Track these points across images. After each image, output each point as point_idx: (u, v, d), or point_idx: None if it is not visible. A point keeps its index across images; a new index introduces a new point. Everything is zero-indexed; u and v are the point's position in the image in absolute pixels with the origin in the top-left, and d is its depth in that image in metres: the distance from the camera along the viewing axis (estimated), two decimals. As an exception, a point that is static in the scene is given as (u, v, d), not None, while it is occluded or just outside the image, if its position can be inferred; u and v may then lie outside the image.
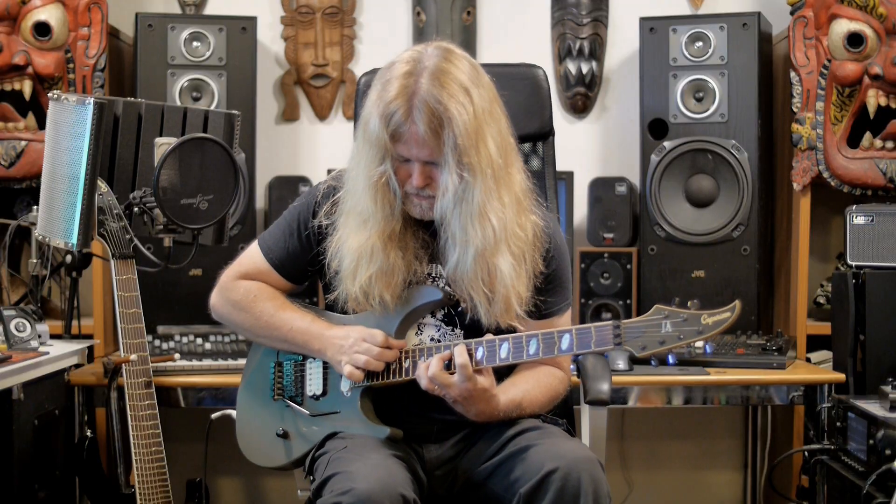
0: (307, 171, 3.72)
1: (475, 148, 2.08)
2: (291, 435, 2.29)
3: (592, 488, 1.98)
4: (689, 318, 1.95)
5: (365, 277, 2.16)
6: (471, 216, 2.11)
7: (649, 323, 1.97)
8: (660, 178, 3.44)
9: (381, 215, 2.15)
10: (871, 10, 3.26)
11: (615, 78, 3.82)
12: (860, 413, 2.70)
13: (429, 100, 2.05)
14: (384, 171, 2.12)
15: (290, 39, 3.79)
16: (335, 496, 1.96)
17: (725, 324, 1.93)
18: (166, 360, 2.96)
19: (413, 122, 2.06)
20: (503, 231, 2.13)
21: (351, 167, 2.20)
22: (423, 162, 2.10)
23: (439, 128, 2.05)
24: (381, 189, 2.13)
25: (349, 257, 2.18)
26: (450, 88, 2.07)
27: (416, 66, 2.09)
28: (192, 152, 2.64)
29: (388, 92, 2.08)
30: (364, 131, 2.14)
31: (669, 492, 3.85)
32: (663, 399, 3.08)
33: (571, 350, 2.04)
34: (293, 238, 2.31)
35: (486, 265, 2.13)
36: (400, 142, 2.09)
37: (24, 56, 3.21)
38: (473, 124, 2.07)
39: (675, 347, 1.97)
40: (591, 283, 3.50)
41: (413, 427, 2.22)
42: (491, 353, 2.09)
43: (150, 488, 2.63)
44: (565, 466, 1.99)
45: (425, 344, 2.20)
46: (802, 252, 3.39)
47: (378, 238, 2.15)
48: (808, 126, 3.33)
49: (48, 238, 2.75)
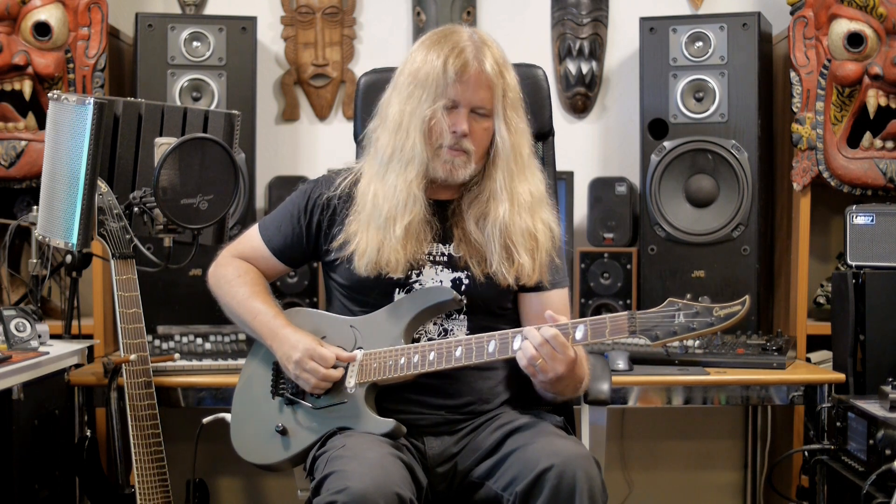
0: (307, 171, 3.72)
1: (520, 108, 2.26)
2: (291, 431, 2.29)
3: (588, 485, 1.99)
4: (701, 310, 2.00)
5: (404, 225, 2.20)
6: (518, 170, 2.24)
7: (663, 314, 2.02)
8: (660, 178, 3.44)
9: (426, 158, 2.21)
10: (871, 10, 3.26)
11: (615, 78, 3.82)
12: (860, 413, 2.70)
13: (491, 50, 2.21)
14: (436, 111, 2.18)
15: (290, 39, 3.79)
16: (330, 495, 1.97)
17: (736, 317, 1.98)
18: (166, 360, 2.96)
19: (479, 62, 2.18)
20: (543, 190, 2.29)
21: (392, 112, 2.24)
22: (470, 109, 2.19)
23: (500, 74, 2.20)
24: (432, 131, 2.20)
25: (390, 200, 2.21)
26: (502, 52, 2.26)
27: (464, 30, 2.24)
28: (192, 152, 2.64)
29: (447, 43, 2.20)
30: (412, 79, 2.21)
31: (669, 492, 3.85)
32: (663, 399, 3.08)
33: (586, 339, 2.07)
34: (294, 218, 2.37)
35: (533, 217, 2.24)
36: (460, 81, 2.17)
37: (24, 56, 3.21)
38: (518, 89, 2.26)
39: (687, 338, 2.02)
40: (591, 283, 3.50)
41: (417, 418, 2.23)
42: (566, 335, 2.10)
43: (150, 488, 2.63)
44: (560, 464, 2.00)
45: (434, 337, 2.24)
46: (802, 252, 3.39)
47: (417, 184, 2.21)
48: (808, 126, 3.33)
49: (48, 238, 2.75)
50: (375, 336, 2.26)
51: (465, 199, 2.28)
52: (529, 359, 2.07)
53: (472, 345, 2.15)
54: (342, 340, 2.30)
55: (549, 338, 2.06)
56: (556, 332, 2.06)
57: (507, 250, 2.23)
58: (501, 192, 2.23)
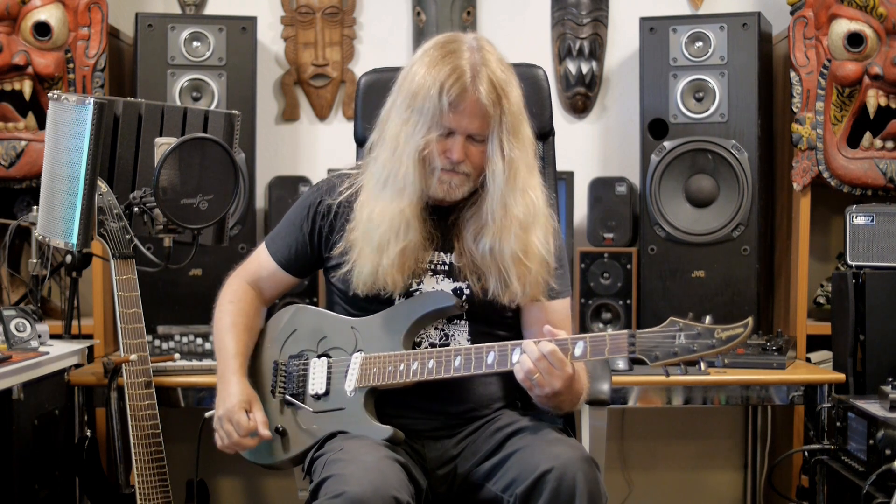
0: (307, 171, 3.72)
1: (521, 126, 2.20)
2: (290, 432, 2.29)
3: (587, 488, 1.98)
4: (702, 331, 1.97)
5: (397, 251, 2.18)
6: (513, 192, 2.18)
7: (664, 334, 1.99)
8: (660, 178, 3.43)
9: (420, 186, 2.18)
10: (871, 10, 3.26)
11: (615, 78, 3.82)
12: (860, 413, 2.70)
13: (490, 72, 2.14)
14: (430, 141, 2.15)
15: (290, 39, 3.79)
16: (327, 499, 1.96)
17: (738, 339, 1.94)
18: (166, 360, 2.96)
19: (475, 92, 2.12)
20: (540, 209, 2.23)
21: (390, 131, 2.21)
22: (465, 136, 2.15)
23: (497, 101, 2.14)
24: (425, 159, 2.17)
25: (383, 226, 2.19)
26: (503, 65, 2.18)
27: (465, 45, 2.17)
28: (192, 152, 2.64)
29: (446, 64, 2.14)
30: (410, 101, 2.16)
31: (669, 492, 3.85)
32: (663, 399, 3.08)
33: (585, 357, 2.06)
34: (297, 227, 2.36)
35: (525, 240, 2.20)
36: (455, 111, 2.13)
37: (24, 56, 3.21)
38: (519, 104, 2.19)
39: (688, 360, 1.98)
40: (590, 283, 3.49)
41: (416, 422, 2.22)
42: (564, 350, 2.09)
43: (150, 488, 2.63)
44: (560, 466, 2.00)
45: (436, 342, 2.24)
46: (802, 252, 3.39)
47: (411, 210, 2.19)
48: (808, 126, 3.33)
49: (48, 238, 2.75)
50: (376, 339, 2.25)
51: (465, 212, 2.26)
52: (527, 373, 2.06)
53: (471, 355, 2.14)
54: (342, 342, 2.30)
55: (547, 353, 2.04)
56: (555, 348, 2.04)
57: (501, 275, 2.22)
58: (494, 217, 2.20)
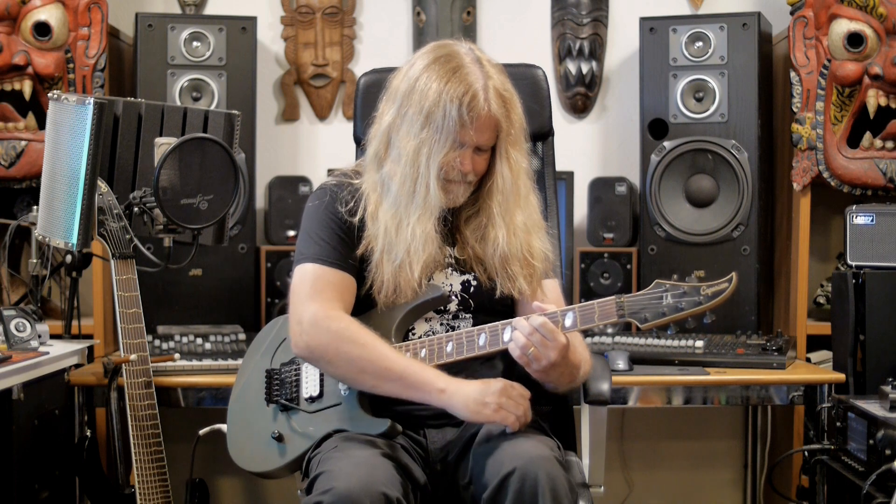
0: (307, 171, 3.72)
1: (523, 135, 2.26)
2: (287, 437, 2.28)
3: (550, 486, 1.97)
4: (688, 290, 2.01)
5: (420, 266, 2.20)
6: (518, 197, 2.25)
7: (651, 296, 2.03)
8: (660, 178, 3.44)
9: (441, 201, 2.21)
10: (871, 10, 3.26)
11: (615, 78, 3.82)
12: (860, 413, 2.70)
13: (495, 85, 2.18)
14: (449, 158, 2.19)
15: (290, 39, 3.79)
16: (317, 496, 1.97)
17: (724, 294, 1.99)
18: (166, 360, 2.96)
19: (488, 104, 2.16)
20: (538, 218, 2.31)
21: (406, 148, 2.20)
22: (473, 147, 2.20)
23: (506, 114, 2.20)
24: (447, 178, 2.21)
25: (410, 244, 2.20)
26: (502, 74, 2.23)
27: (467, 59, 2.20)
28: (192, 152, 2.64)
29: (458, 80, 2.16)
30: (427, 118, 2.17)
31: (669, 492, 3.85)
32: (663, 399, 3.08)
33: (575, 326, 2.08)
34: (336, 226, 2.26)
35: (530, 242, 2.27)
36: (470, 127, 2.16)
37: (24, 56, 3.21)
38: (521, 112, 2.24)
39: (677, 318, 2.02)
40: (590, 283, 3.50)
41: (417, 408, 2.20)
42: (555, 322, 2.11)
43: (150, 488, 2.63)
44: (522, 467, 1.99)
45: (434, 333, 2.25)
46: (802, 252, 3.39)
47: (433, 226, 2.22)
48: (808, 126, 3.33)
49: (48, 238, 2.75)
50: None
51: (463, 210, 2.30)
52: (522, 348, 2.08)
53: (462, 339, 2.17)
54: None
55: (538, 326, 2.06)
56: (545, 320, 2.07)
57: (507, 271, 2.26)
58: (499, 219, 2.25)
